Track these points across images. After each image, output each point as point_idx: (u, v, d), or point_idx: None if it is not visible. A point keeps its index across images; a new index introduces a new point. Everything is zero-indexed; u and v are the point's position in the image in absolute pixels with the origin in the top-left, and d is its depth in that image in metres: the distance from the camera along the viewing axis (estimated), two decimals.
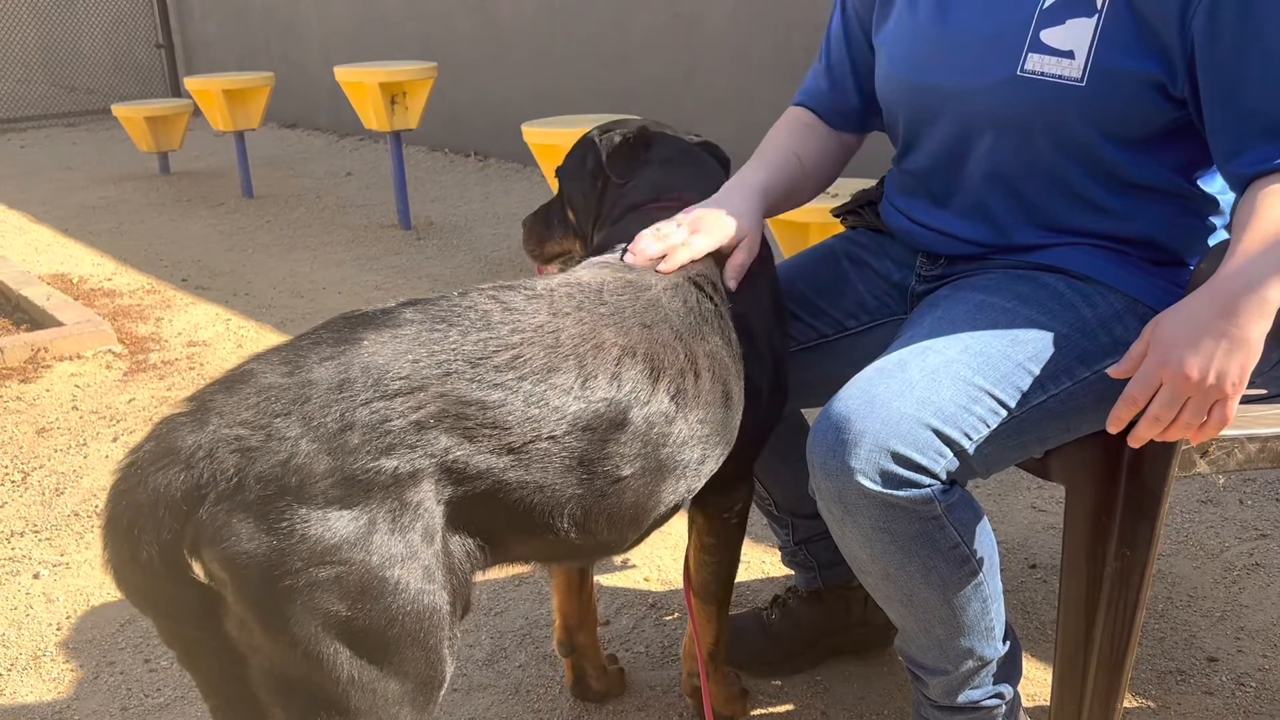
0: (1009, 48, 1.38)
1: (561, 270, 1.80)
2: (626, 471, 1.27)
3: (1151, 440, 1.34)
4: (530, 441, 1.18)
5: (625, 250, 1.44)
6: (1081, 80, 1.34)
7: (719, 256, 1.47)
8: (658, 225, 1.46)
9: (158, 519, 1.06)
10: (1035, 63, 1.36)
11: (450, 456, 1.14)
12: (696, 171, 1.67)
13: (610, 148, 1.67)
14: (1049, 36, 1.35)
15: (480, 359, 1.17)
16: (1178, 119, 1.36)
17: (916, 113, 1.52)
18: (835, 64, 1.66)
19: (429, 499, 1.13)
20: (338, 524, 1.07)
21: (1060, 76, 1.35)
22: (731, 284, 1.45)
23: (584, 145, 1.73)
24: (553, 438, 1.20)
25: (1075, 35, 1.34)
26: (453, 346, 1.17)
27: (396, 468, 1.10)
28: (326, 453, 1.07)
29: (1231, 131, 1.30)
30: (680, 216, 1.48)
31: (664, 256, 1.42)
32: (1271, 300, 1.18)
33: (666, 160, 1.66)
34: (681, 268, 1.43)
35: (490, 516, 1.20)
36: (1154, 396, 1.21)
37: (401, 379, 1.12)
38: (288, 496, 1.06)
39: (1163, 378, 1.20)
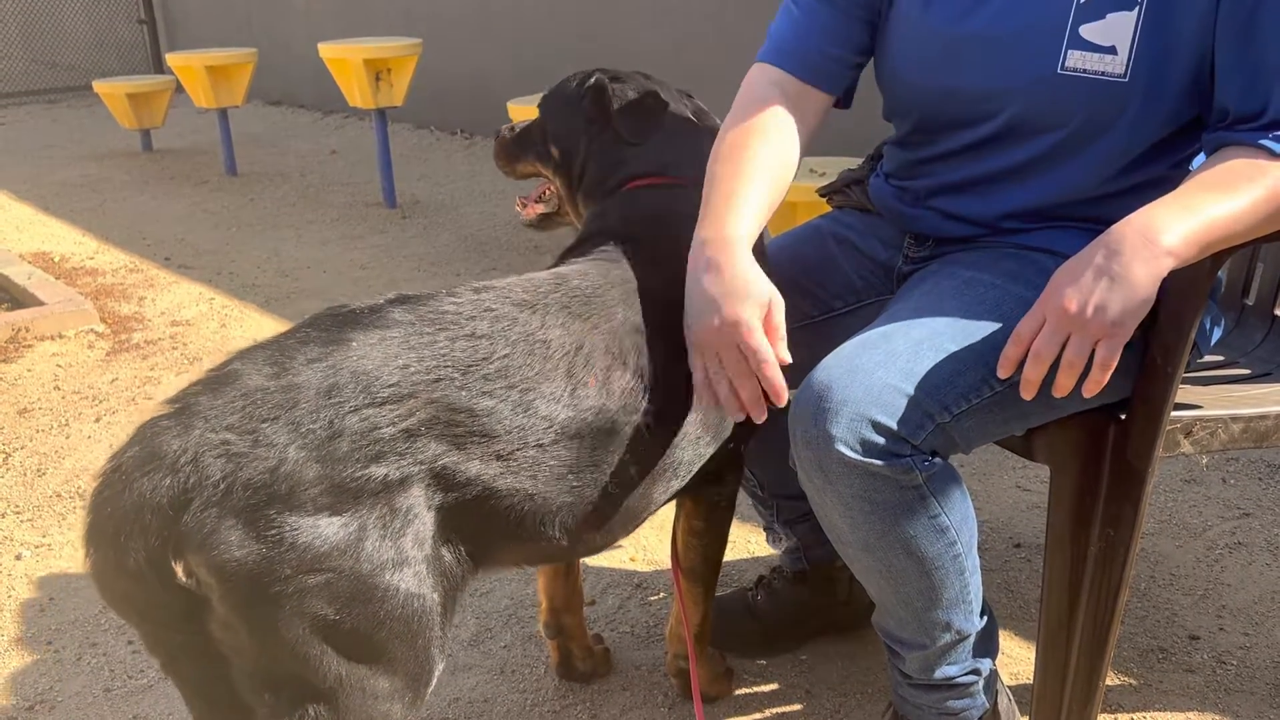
0: (1045, 46, 1.35)
1: (545, 213, 1.77)
2: (617, 479, 1.27)
3: (1136, 420, 1.34)
4: (519, 449, 1.18)
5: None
6: (1125, 76, 1.32)
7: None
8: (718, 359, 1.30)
9: (145, 525, 1.05)
10: (1076, 60, 1.33)
11: (440, 463, 1.13)
12: (696, 148, 1.63)
13: (625, 102, 1.60)
14: (1089, 32, 1.33)
15: (470, 366, 1.16)
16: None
17: (934, 115, 1.49)
18: (815, 20, 1.51)
19: (419, 504, 1.13)
20: (327, 531, 1.06)
21: (1103, 73, 1.33)
22: (784, 353, 1.30)
23: (585, 87, 1.65)
24: (540, 446, 1.19)
25: (1116, 30, 1.32)
26: (442, 352, 1.15)
27: (386, 475, 1.09)
28: (315, 460, 1.06)
29: (1236, 89, 1.29)
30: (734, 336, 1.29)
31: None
32: (1159, 244, 1.19)
33: (672, 133, 1.62)
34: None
35: (482, 522, 1.19)
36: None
37: (391, 386, 1.11)
38: (277, 504, 1.04)
39: (1046, 313, 1.23)
